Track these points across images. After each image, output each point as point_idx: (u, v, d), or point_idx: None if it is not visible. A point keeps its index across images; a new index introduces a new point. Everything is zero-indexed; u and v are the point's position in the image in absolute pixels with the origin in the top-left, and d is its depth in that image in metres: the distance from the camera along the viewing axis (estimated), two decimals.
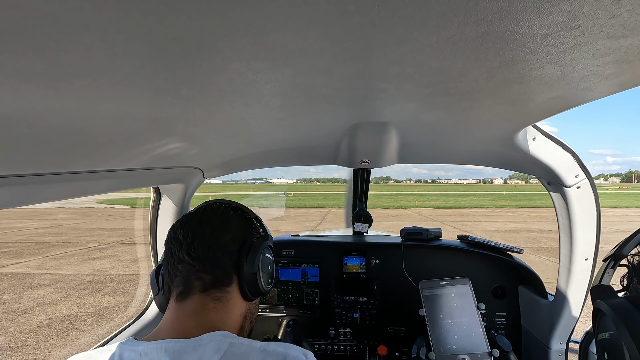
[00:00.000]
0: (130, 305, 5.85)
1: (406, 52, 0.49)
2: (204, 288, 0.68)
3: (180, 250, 0.69)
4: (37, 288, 6.72)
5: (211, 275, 0.69)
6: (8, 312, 5.54)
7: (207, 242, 0.70)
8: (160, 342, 0.59)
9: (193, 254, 0.68)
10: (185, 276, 0.68)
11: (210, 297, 0.69)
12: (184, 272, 0.69)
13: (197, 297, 0.68)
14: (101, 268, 8.13)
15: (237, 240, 0.74)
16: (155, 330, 0.66)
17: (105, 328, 4.92)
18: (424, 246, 1.73)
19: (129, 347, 0.60)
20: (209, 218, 0.73)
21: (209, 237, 0.70)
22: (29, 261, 8.89)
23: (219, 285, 0.70)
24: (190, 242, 0.69)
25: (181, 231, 0.71)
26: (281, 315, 1.80)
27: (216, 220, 0.73)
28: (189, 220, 0.73)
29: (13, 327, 4.99)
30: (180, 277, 0.69)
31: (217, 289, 0.69)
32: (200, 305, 0.67)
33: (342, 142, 1.17)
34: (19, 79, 0.43)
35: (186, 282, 0.68)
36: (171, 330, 0.64)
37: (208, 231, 0.71)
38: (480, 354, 1.14)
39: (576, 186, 1.20)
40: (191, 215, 0.75)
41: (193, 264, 0.68)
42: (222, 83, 0.57)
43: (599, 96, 0.69)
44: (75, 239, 12.30)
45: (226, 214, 0.76)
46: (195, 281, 0.68)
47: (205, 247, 0.69)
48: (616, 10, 0.39)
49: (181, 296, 0.68)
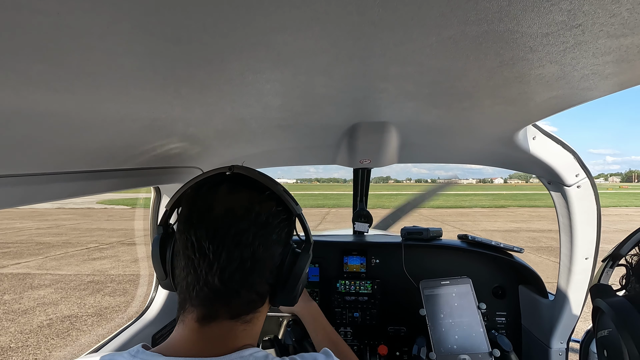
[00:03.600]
0: (131, 305, 5.85)
1: (406, 52, 0.49)
2: (233, 315, 0.58)
3: (210, 272, 0.55)
4: (38, 288, 6.72)
5: (245, 301, 0.58)
6: (8, 313, 5.54)
7: (247, 265, 0.56)
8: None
9: (227, 282, 0.55)
10: (211, 299, 0.56)
11: (240, 321, 0.59)
12: (209, 295, 0.56)
13: (225, 323, 0.58)
14: (101, 268, 8.13)
15: (278, 254, 0.60)
16: (173, 345, 0.58)
17: (106, 328, 4.92)
18: (424, 246, 1.73)
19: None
20: (247, 226, 0.56)
21: (249, 258, 0.56)
22: (29, 261, 8.90)
23: (251, 309, 0.60)
24: (225, 265, 0.55)
25: (209, 244, 0.55)
26: (282, 315, 1.80)
27: (256, 230, 0.57)
28: (220, 229, 0.56)
29: (13, 328, 4.99)
30: (202, 298, 0.56)
31: (249, 313, 0.60)
32: (229, 329, 0.58)
33: (342, 142, 1.17)
34: (19, 79, 0.44)
35: (210, 305, 0.57)
36: (192, 350, 0.56)
37: (248, 252, 0.56)
38: (480, 353, 1.14)
39: (576, 185, 1.20)
40: (221, 217, 0.56)
41: (224, 292, 0.56)
42: (222, 83, 0.57)
43: (599, 95, 0.69)
44: (75, 239, 12.31)
45: (268, 217, 0.59)
46: (222, 307, 0.57)
47: (244, 274, 0.56)
48: (616, 9, 0.39)
49: (204, 320, 0.57)
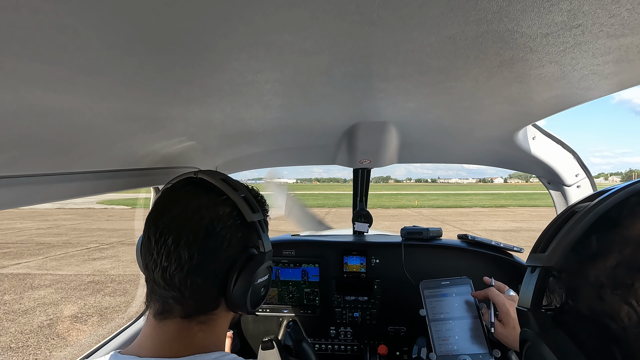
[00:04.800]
0: (131, 305, 5.85)
1: (406, 52, 0.49)
2: (186, 315, 0.59)
3: (155, 270, 0.57)
4: (38, 289, 6.72)
5: (193, 302, 0.58)
6: (9, 313, 5.54)
7: (185, 268, 0.56)
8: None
9: (169, 281, 0.57)
10: (163, 299, 0.58)
11: (194, 322, 0.59)
12: (160, 293, 0.58)
13: (178, 321, 0.58)
14: (102, 268, 8.13)
15: (224, 259, 0.60)
16: (136, 345, 0.59)
17: (106, 328, 4.92)
18: (424, 246, 1.73)
19: None
20: (190, 229, 0.57)
21: (187, 262, 0.56)
22: (29, 262, 8.90)
23: (203, 311, 0.60)
24: (165, 266, 0.56)
25: (154, 245, 0.58)
26: (281, 315, 1.80)
27: (199, 233, 0.57)
28: (164, 231, 0.58)
29: (14, 328, 4.99)
30: (157, 296, 0.58)
31: (201, 314, 0.60)
32: (184, 329, 0.59)
33: (342, 142, 1.17)
34: (19, 79, 0.43)
35: (164, 303, 0.58)
36: (153, 349, 0.57)
37: (186, 256, 0.56)
38: (481, 354, 1.13)
39: (576, 185, 1.20)
40: (168, 218, 0.59)
41: (169, 290, 0.57)
42: (222, 83, 0.57)
43: (599, 95, 0.69)
44: (75, 239, 12.31)
45: (214, 221, 0.59)
46: (175, 305, 0.58)
47: (183, 275, 0.56)
48: (616, 10, 0.39)
49: (160, 316, 0.58)
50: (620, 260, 0.35)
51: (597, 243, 0.38)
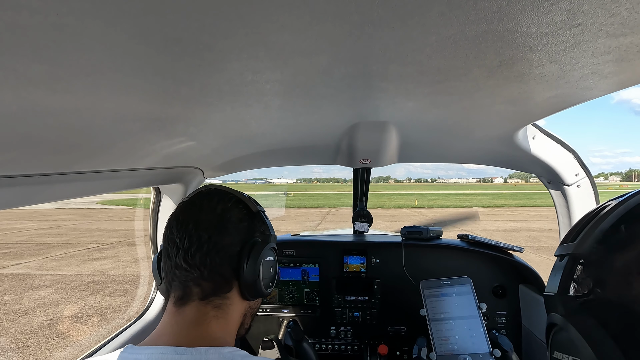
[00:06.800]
0: (131, 305, 5.85)
1: (406, 52, 0.49)
2: (203, 296, 0.66)
3: (177, 255, 0.66)
4: (38, 289, 6.72)
5: (210, 282, 0.67)
6: (9, 313, 5.54)
7: (204, 247, 0.66)
8: (162, 350, 0.58)
9: (190, 261, 0.66)
10: (184, 282, 0.66)
11: (210, 305, 0.67)
12: (181, 278, 0.66)
13: (196, 305, 0.66)
14: (102, 269, 8.13)
15: (236, 242, 0.70)
16: (155, 335, 0.65)
17: (106, 328, 4.92)
18: (424, 245, 1.73)
19: (130, 356, 0.58)
20: (206, 217, 0.69)
21: (206, 242, 0.67)
22: (29, 262, 8.90)
23: (218, 293, 0.68)
24: (187, 247, 0.66)
25: (177, 233, 0.68)
26: (282, 315, 1.80)
27: (214, 219, 0.69)
28: (185, 220, 0.69)
29: (14, 328, 4.99)
30: (178, 282, 0.67)
31: (217, 296, 0.68)
32: (200, 313, 0.66)
33: (342, 142, 1.18)
34: (19, 79, 0.43)
35: (184, 287, 0.66)
36: (171, 337, 0.63)
37: (205, 236, 0.67)
38: (481, 354, 1.13)
39: (576, 185, 1.20)
40: (187, 213, 0.70)
41: (190, 271, 0.66)
42: (222, 83, 0.57)
43: (599, 94, 0.69)
44: (75, 239, 12.31)
45: (226, 211, 0.71)
46: (194, 288, 0.66)
47: (203, 254, 0.66)
48: (615, 9, 0.39)
49: (180, 302, 0.66)
50: None
51: (626, 232, 0.40)
